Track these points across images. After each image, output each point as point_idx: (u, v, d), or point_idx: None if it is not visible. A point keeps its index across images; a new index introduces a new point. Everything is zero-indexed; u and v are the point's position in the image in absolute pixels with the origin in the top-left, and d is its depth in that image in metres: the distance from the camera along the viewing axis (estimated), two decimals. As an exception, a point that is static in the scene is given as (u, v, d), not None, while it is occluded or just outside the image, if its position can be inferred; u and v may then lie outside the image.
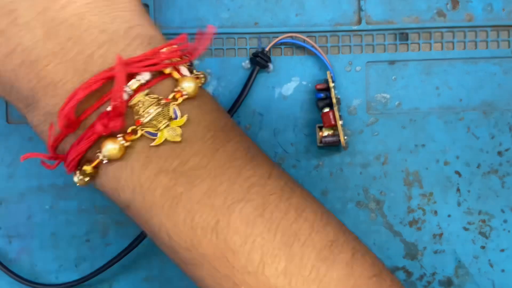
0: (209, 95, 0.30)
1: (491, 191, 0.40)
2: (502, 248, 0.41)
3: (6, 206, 0.40)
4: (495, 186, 0.40)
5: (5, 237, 0.40)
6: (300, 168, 0.41)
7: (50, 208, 0.40)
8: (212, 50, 0.41)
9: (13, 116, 0.40)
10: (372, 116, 0.41)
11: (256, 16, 0.41)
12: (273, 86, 0.41)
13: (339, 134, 0.38)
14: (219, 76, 0.41)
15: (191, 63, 0.30)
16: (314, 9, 0.41)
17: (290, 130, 0.41)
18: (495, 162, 0.40)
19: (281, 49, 0.41)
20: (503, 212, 0.40)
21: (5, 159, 0.40)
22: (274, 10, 0.41)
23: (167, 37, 0.40)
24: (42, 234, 0.40)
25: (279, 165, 0.41)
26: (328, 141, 0.38)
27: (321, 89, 0.39)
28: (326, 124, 0.38)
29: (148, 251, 0.40)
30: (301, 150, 0.41)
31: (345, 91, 0.41)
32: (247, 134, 0.41)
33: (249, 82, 0.39)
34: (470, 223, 0.40)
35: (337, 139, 0.38)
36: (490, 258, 0.41)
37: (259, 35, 0.41)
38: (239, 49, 0.41)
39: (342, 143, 0.38)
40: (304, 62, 0.41)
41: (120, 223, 0.40)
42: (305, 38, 0.40)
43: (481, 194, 0.40)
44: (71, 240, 0.40)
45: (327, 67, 0.40)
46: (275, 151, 0.41)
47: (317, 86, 0.39)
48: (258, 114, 0.41)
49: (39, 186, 0.40)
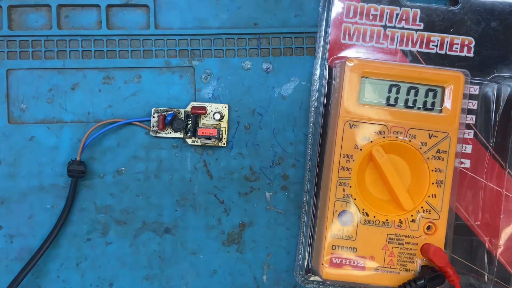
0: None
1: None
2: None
3: (8, 206, 0.40)
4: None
5: (7, 237, 0.40)
6: (299, 167, 0.41)
7: (51, 208, 0.40)
8: (212, 50, 0.41)
9: (14, 116, 0.40)
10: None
11: (255, 16, 0.41)
12: (273, 86, 0.41)
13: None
14: (219, 76, 0.41)
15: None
16: (313, 10, 0.41)
17: (289, 130, 0.41)
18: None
19: (281, 49, 0.41)
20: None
21: (7, 159, 0.40)
22: (273, 10, 0.41)
23: (167, 38, 0.41)
24: (43, 233, 0.40)
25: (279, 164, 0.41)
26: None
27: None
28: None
29: (148, 250, 0.41)
30: (300, 150, 0.41)
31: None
32: (247, 134, 0.41)
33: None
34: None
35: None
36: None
37: (259, 36, 0.41)
38: (239, 49, 0.41)
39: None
40: (303, 62, 0.41)
41: (120, 222, 0.41)
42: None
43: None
44: (72, 239, 0.40)
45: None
46: (275, 151, 0.41)
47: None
48: (258, 114, 0.41)
49: (40, 186, 0.40)
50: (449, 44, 0.39)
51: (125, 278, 0.41)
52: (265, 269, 0.41)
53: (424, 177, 0.37)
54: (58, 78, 0.41)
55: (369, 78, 0.37)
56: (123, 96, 0.41)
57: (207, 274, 0.41)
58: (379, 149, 0.36)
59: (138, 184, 0.41)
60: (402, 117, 0.37)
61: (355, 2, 0.39)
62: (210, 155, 0.41)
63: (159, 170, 0.41)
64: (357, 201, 0.37)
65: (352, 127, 0.37)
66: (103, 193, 0.41)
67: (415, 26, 0.39)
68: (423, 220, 0.37)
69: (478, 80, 0.39)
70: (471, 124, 0.40)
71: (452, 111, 0.37)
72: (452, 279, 0.36)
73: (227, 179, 0.41)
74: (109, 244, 0.41)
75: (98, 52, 0.41)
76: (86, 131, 0.40)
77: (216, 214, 0.41)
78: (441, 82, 0.37)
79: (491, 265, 0.40)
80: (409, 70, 0.37)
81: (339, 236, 0.37)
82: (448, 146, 0.37)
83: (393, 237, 0.37)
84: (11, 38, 0.40)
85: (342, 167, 0.37)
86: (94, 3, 0.40)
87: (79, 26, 0.41)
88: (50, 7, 0.40)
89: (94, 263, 0.40)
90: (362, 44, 0.39)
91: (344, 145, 0.37)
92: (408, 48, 0.39)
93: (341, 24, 0.39)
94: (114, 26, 0.41)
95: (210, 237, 0.41)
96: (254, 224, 0.41)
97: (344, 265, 0.37)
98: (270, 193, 0.41)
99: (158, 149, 0.41)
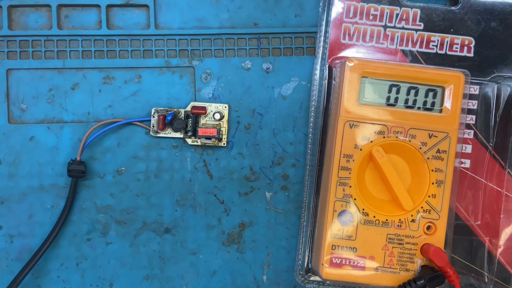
0: None
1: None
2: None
3: (8, 206, 0.40)
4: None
5: (7, 237, 0.40)
6: (299, 167, 0.41)
7: (51, 208, 0.40)
8: (212, 50, 0.41)
9: (15, 116, 0.40)
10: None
11: (255, 16, 0.41)
12: (273, 86, 0.41)
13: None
14: (219, 76, 0.41)
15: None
16: (313, 10, 0.41)
17: (289, 130, 0.41)
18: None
19: (281, 49, 0.41)
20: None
21: (7, 159, 0.40)
22: (273, 10, 0.41)
23: (168, 38, 0.41)
24: (43, 233, 0.40)
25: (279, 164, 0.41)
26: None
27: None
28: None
29: (148, 250, 0.41)
30: (300, 150, 0.41)
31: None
32: (247, 134, 0.41)
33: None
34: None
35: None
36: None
37: (259, 36, 0.41)
38: (239, 49, 0.41)
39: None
40: (303, 62, 0.41)
41: (120, 222, 0.41)
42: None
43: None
44: (72, 239, 0.40)
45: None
46: (275, 150, 0.41)
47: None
48: (258, 114, 0.41)
49: (40, 186, 0.40)
50: (449, 44, 0.39)
51: (125, 278, 0.41)
52: (265, 269, 0.41)
53: (424, 177, 0.37)
54: (58, 78, 0.41)
55: (369, 78, 0.37)
56: (123, 96, 0.41)
57: (207, 274, 0.41)
58: (379, 149, 0.36)
59: (138, 184, 0.41)
60: (402, 117, 0.37)
61: (355, 2, 0.39)
62: (210, 155, 0.41)
63: (159, 170, 0.41)
64: (357, 201, 0.37)
65: (352, 127, 0.37)
66: (103, 193, 0.41)
67: (415, 26, 0.39)
68: (423, 220, 0.37)
69: (478, 80, 0.39)
70: (471, 124, 0.40)
71: (452, 111, 0.37)
72: (452, 279, 0.36)
73: (227, 179, 0.41)
74: (109, 244, 0.41)
75: (98, 52, 0.41)
76: (86, 131, 0.40)
77: (216, 214, 0.41)
78: (441, 82, 0.37)
79: (491, 265, 0.40)
80: (409, 70, 0.37)
81: (339, 236, 0.37)
82: (448, 146, 0.37)
83: (393, 237, 0.37)
84: (11, 38, 0.40)
85: (342, 167, 0.37)
86: (94, 3, 0.40)
87: (79, 26, 0.41)
88: (50, 7, 0.40)
89: (94, 263, 0.41)
90: (362, 44, 0.39)
91: (344, 145, 0.37)
92: (408, 48, 0.39)
93: (341, 24, 0.39)
94: (114, 26, 0.41)
95: (210, 237, 0.41)
96: (254, 224, 0.41)
97: (344, 265, 0.37)
98: (270, 193, 0.41)
99: (158, 149, 0.41)
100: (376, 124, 0.37)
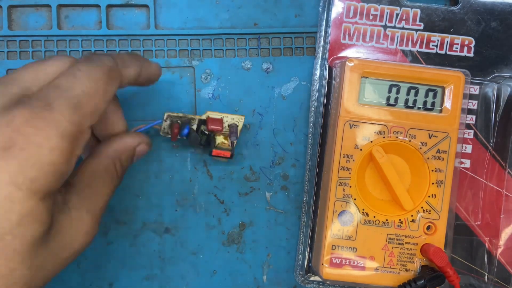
0: None
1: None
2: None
3: (8, 206, 0.40)
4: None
5: (7, 237, 0.40)
6: (299, 167, 0.41)
7: (51, 208, 0.40)
8: (212, 50, 0.41)
9: (15, 116, 0.40)
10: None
11: (255, 16, 0.41)
12: (273, 86, 0.41)
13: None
14: (219, 76, 0.41)
15: None
16: (313, 10, 0.41)
17: (289, 130, 0.41)
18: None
19: (281, 49, 0.41)
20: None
21: (7, 159, 0.40)
22: (273, 10, 0.41)
23: (168, 38, 0.41)
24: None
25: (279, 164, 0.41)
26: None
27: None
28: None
29: (148, 251, 0.41)
30: (300, 150, 0.41)
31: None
32: (247, 134, 0.41)
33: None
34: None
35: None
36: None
37: (259, 36, 0.41)
38: (239, 49, 0.41)
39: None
40: (303, 62, 0.41)
41: (120, 222, 0.41)
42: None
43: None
44: (72, 240, 0.40)
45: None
46: (274, 151, 0.41)
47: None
48: (258, 114, 0.41)
49: (40, 185, 0.40)
50: (449, 44, 0.39)
51: (125, 278, 0.41)
52: (265, 269, 0.41)
53: (424, 177, 0.37)
54: (58, 78, 0.40)
55: (369, 78, 0.37)
56: (123, 96, 0.41)
57: (207, 274, 0.41)
58: (379, 149, 0.36)
59: (138, 184, 0.41)
60: (402, 117, 0.37)
61: (355, 2, 0.39)
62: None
63: (159, 170, 0.41)
64: (357, 201, 0.37)
65: (352, 127, 0.37)
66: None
67: (415, 26, 0.39)
68: (423, 220, 0.37)
69: (478, 80, 0.39)
70: (471, 124, 0.40)
71: (452, 111, 0.37)
72: (452, 279, 0.36)
73: (227, 179, 0.41)
74: (109, 244, 0.41)
75: (98, 52, 0.41)
76: (86, 131, 0.40)
77: (216, 214, 0.41)
78: (441, 82, 0.37)
79: (491, 265, 0.40)
80: (409, 70, 0.37)
81: (339, 236, 0.37)
82: (448, 146, 0.37)
83: (393, 237, 0.37)
84: (11, 38, 0.40)
85: (342, 167, 0.37)
86: (94, 3, 0.40)
87: (79, 26, 0.41)
88: (50, 7, 0.40)
89: (94, 263, 0.41)
90: (362, 44, 0.39)
91: (344, 145, 0.37)
92: (408, 48, 0.39)
93: (341, 24, 0.39)
94: (114, 26, 0.41)
95: (210, 237, 0.41)
96: (254, 224, 0.41)
97: (344, 265, 0.37)
98: (270, 193, 0.41)
99: (158, 149, 0.41)
100: (376, 124, 0.37)
